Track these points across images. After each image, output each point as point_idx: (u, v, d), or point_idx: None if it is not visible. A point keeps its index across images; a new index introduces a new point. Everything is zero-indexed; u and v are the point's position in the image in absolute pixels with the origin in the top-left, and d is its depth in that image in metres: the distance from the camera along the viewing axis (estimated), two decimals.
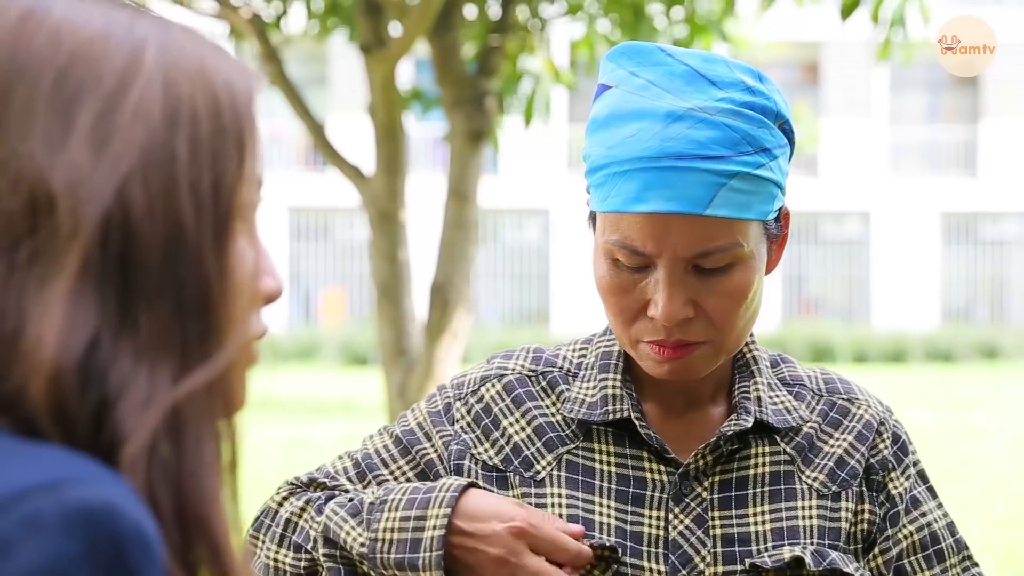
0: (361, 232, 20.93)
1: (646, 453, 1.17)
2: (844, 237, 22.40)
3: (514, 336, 19.29)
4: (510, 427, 1.19)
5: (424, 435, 1.21)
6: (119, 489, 0.56)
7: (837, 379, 1.25)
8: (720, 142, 1.07)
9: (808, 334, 19.95)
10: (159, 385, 0.59)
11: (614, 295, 1.12)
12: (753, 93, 1.09)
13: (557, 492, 1.17)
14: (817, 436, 1.20)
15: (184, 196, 0.60)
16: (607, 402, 1.18)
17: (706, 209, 1.07)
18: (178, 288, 0.60)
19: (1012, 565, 6.19)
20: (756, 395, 1.19)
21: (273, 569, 1.18)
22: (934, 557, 1.21)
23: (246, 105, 0.63)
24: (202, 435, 0.62)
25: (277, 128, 21.91)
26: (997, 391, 14.78)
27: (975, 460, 9.40)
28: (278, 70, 4.54)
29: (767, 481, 1.17)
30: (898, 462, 1.21)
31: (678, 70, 1.09)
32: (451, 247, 4.34)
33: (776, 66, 21.72)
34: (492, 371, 1.22)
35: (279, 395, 14.46)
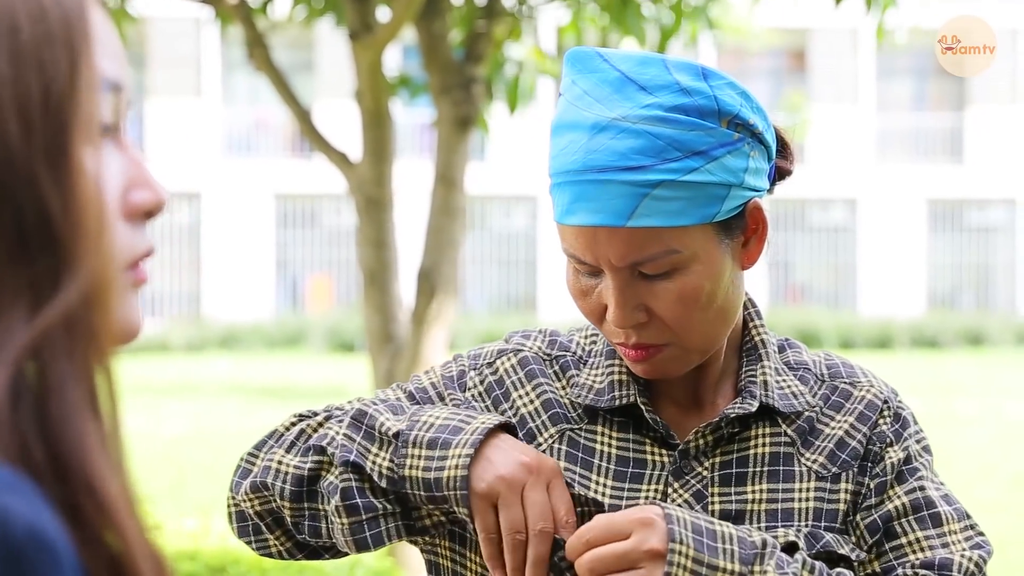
0: (348, 218, 20.90)
1: (649, 439, 1.18)
2: (831, 224, 22.45)
3: (501, 323, 19.30)
4: (519, 399, 1.20)
5: (436, 395, 1.22)
6: (7, 489, 0.50)
7: (841, 363, 1.24)
8: (642, 151, 1.06)
9: (794, 320, 20.00)
10: (12, 329, 0.53)
11: (579, 299, 1.14)
12: (688, 94, 1.07)
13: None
14: (818, 419, 1.20)
15: (9, 116, 0.54)
16: (614, 388, 1.18)
17: (628, 221, 1.07)
18: (15, 219, 0.54)
19: (997, 551, 6.21)
20: (763, 379, 1.18)
21: (274, 471, 1.16)
22: (929, 520, 1.17)
23: (76, 5, 0.57)
24: (66, 375, 0.55)
25: (263, 114, 21.84)
26: (982, 378, 14.85)
27: (960, 446, 9.45)
28: (264, 56, 4.52)
29: (767, 461, 1.17)
30: (897, 437, 1.20)
31: (610, 77, 1.08)
32: (438, 233, 4.33)
33: (763, 53, 21.73)
34: (510, 347, 1.23)
35: (266, 381, 14.45)
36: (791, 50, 22.58)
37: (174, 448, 9.47)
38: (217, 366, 16.86)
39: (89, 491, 0.54)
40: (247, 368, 16.49)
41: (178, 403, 12.30)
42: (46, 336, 0.54)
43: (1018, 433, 10.17)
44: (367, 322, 4.43)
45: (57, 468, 0.53)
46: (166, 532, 4.68)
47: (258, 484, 1.17)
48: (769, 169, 1.16)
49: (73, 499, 0.53)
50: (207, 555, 4.32)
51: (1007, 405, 11.99)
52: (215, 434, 10.26)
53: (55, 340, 0.54)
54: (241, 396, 12.99)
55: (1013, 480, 8.15)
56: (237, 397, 12.89)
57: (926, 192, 22.20)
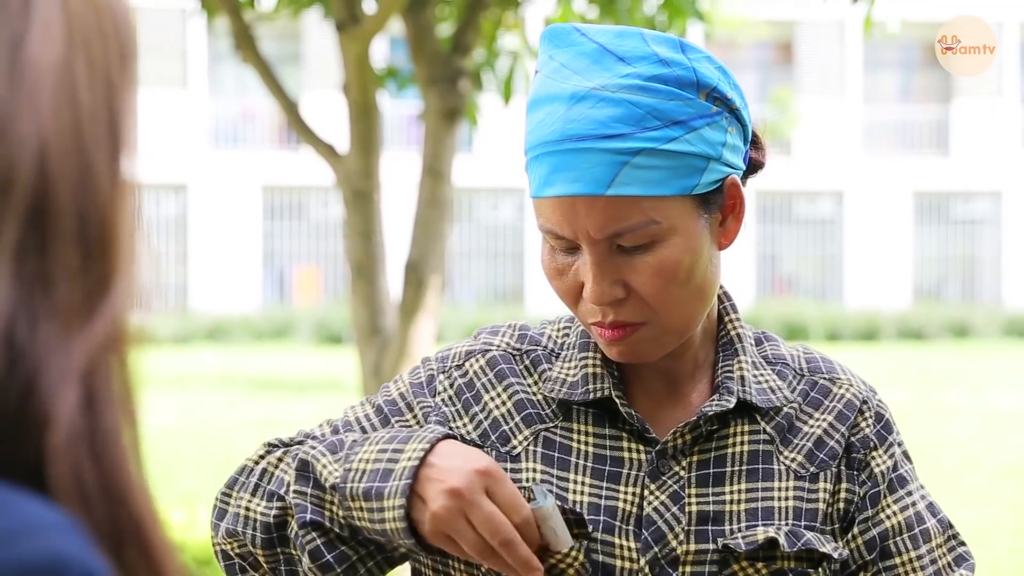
0: (335, 210, 20.86)
1: (625, 433, 1.15)
2: (817, 216, 22.49)
3: (489, 315, 19.30)
4: (490, 402, 1.18)
5: (406, 406, 1.20)
6: (66, 535, 0.50)
7: (820, 358, 1.22)
8: (621, 119, 1.04)
9: (781, 313, 20.05)
10: (74, 347, 0.52)
11: (554, 279, 1.12)
12: (667, 65, 1.06)
13: (532, 467, 1.15)
14: (797, 416, 1.18)
15: (87, 126, 0.54)
16: (587, 381, 1.16)
17: (607, 189, 1.05)
18: (87, 231, 0.53)
19: (983, 541, 6.25)
20: (740, 374, 1.16)
21: (243, 519, 1.14)
22: (920, 537, 1.18)
23: (127, 17, 0.57)
24: (111, 394, 0.54)
25: (250, 105, 21.77)
26: (968, 369, 14.91)
27: (946, 437, 9.49)
28: (251, 47, 4.51)
29: (745, 460, 1.15)
30: (881, 441, 1.19)
31: (587, 49, 1.07)
32: (425, 226, 4.33)
33: (750, 45, 21.75)
34: (478, 346, 1.21)
35: (253, 373, 14.43)
36: (778, 42, 22.60)
37: (160, 440, 9.45)
38: (204, 358, 16.83)
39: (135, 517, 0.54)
40: (234, 360, 16.46)
41: (165, 395, 12.28)
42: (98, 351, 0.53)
43: (1003, 424, 10.22)
44: (354, 314, 4.43)
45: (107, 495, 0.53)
46: None
47: (231, 530, 1.15)
48: (745, 152, 1.14)
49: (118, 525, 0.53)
50: (193, 548, 4.31)
51: (992, 396, 12.05)
52: (202, 426, 10.24)
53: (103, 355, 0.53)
54: (228, 388, 12.97)
55: (998, 470, 8.19)
56: (224, 389, 12.87)
57: (912, 184, 22.26)
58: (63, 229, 0.52)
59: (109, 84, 0.55)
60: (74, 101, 0.53)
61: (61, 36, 0.53)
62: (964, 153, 22.42)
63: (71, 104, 0.53)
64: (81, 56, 0.54)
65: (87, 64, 0.54)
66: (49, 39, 0.53)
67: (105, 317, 0.53)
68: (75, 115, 0.53)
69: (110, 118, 0.55)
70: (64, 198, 0.53)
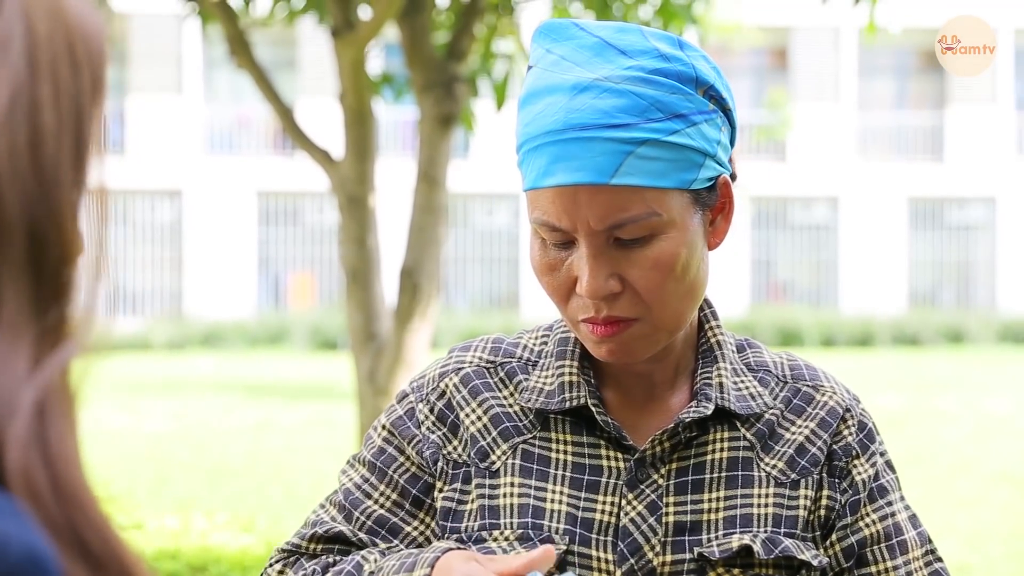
0: (330, 216, 20.85)
1: (603, 441, 1.14)
2: (812, 222, 22.52)
3: (484, 321, 19.30)
4: (467, 418, 1.17)
5: (396, 449, 1.18)
6: (6, 516, 0.51)
7: (803, 366, 1.21)
8: (625, 110, 1.04)
9: (776, 318, 20.06)
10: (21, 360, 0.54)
11: (545, 275, 1.10)
12: (667, 59, 1.07)
13: (510, 481, 1.14)
14: (778, 423, 1.17)
15: (48, 147, 0.54)
16: (564, 390, 1.15)
17: (612, 178, 1.04)
18: (39, 248, 0.54)
19: (977, 546, 6.26)
20: (719, 381, 1.15)
21: None
22: (897, 548, 1.17)
23: (99, 46, 0.58)
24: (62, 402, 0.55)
25: (246, 112, 21.77)
26: (962, 375, 14.92)
27: (941, 443, 9.50)
28: (247, 53, 4.51)
29: (724, 467, 1.14)
30: (863, 449, 1.18)
31: (588, 43, 1.07)
32: (421, 231, 4.33)
33: (745, 51, 21.77)
34: (450, 365, 1.20)
35: (248, 379, 14.42)
36: (773, 48, 22.63)
37: (155, 446, 9.44)
38: (199, 364, 16.81)
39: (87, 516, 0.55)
40: (229, 366, 16.44)
41: (160, 401, 12.26)
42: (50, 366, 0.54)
43: (997, 429, 10.23)
44: (350, 320, 4.43)
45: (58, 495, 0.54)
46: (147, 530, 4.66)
47: None
48: (728, 154, 1.14)
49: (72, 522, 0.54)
50: (188, 554, 4.31)
51: (987, 401, 12.06)
52: (196, 432, 10.23)
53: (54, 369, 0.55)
54: (223, 394, 12.96)
55: (992, 475, 8.20)
56: (219, 395, 12.86)
57: (907, 190, 22.29)
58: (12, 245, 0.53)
59: (77, 107, 0.56)
60: (34, 122, 0.54)
61: (23, 59, 0.54)
62: (958, 159, 22.46)
63: (29, 124, 0.54)
64: (47, 79, 0.54)
65: (52, 86, 0.55)
66: (7, 62, 0.54)
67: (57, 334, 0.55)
68: (34, 135, 0.54)
69: (76, 141, 0.55)
70: (14, 216, 0.53)
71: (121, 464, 8.51)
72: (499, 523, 1.13)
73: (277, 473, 8.22)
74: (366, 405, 4.34)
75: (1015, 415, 11.14)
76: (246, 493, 7.50)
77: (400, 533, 1.17)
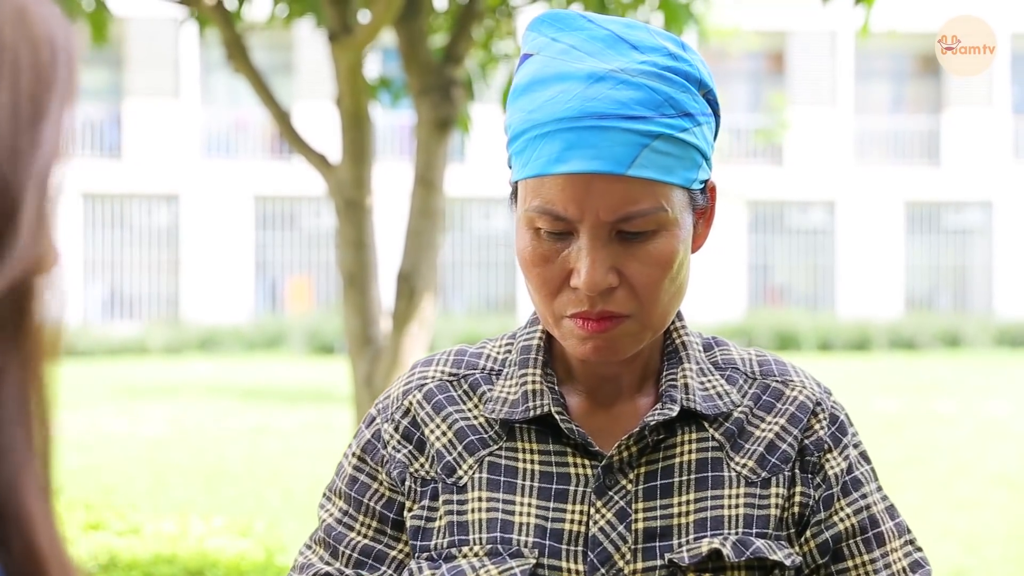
0: (327, 220, 20.84)
1: (570, 448, 1.12)
2: (810, 226, 22.53)
3: (481, 324, 19.29)
4: (431, 434, 1.15)
5: (368, 476, 1.17)
6: None
7: (772, 361, 1.19)
8: (642, 103, 1.04)
9: (774, 322, 20.07)
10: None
11: (536, 266, 1.08)
12: (676, 59, 1.07)
13: (477, 496, 1.13)
14: (748, 420, 1.15)
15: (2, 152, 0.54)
16: (527, 399, 1.13)
17: (628, 169, 1.03)
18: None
19: (975, 549, 6.26)
20: (684, 382, 1.14)
21: None
22: (873, 541, 1.15)
23: (67, 53, 0.58)
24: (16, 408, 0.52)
25: (243, 116, 21.77)
26: (959, 378, 14.93)
27: (938, 446, 9.50)
28: (243, 57, 4.51)
29: (693, 469, 1.12)
30: (835, 443, 1.16)
31: (599, 34, 1.06)
32: (418, 235, 4.33)
33: (742, 56, 21.79)
34: (413, 382, 1.19)
35: (245, 383, 14.40)
36: (770, 52, 22.66)
37: (152, 450, 9.43)
38: (196, 368, 16.80)
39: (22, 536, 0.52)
40: (226, 370, 16.43)
41: (157, 405, 12.25)
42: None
43: (995, 432, 10.24)
44: (346, 324, 4.43)
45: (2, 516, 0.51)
46: (144, 535, 4.66)
47: None
48: None
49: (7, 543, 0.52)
50: (185, 558, 4.30)
51: (984, 405, 12.07)
52: (193, 436, 10.22)
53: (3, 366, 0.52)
54: (220, 398, 12.95)
55: (990, 478, 8.20)
56: (216, 399, 12.85)
57: (904, 194, 22.32)
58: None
59: (37, 112, 0.56)
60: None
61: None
62: (955, 163, 22.48)
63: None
64: (6, 82, 0.54)
65: (11, 90, 0.55)
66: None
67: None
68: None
69: (34, 146, 0.55)
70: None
71: (118, 468, 8.50)
72: (468, 539, 1.12)
73: (274, 477, 8.21)
74: (363, 409, 4.34)
75: (1012, 418, 11.15)
76: (243, 497, 7.49)
77: (387, 559, 1.16)
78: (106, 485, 7.56)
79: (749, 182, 21.44)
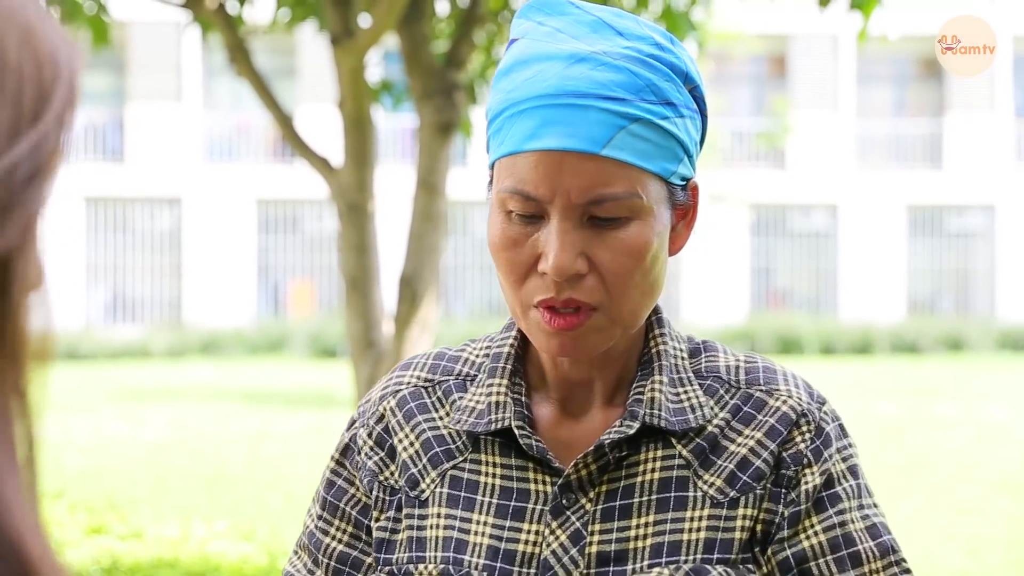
0: (330, 224, 20.85)
1: (532, 463, 1.08)
2: (812, 229, 22.53)
3: (483, 328, 19.29)
4: (399, 444, 1.12)
5: (346, 481, 1.15)
6: None
7: (761, 368, 1.12)
8: (622, 85, 1.01)
9: (776, 326, 20.06)
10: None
11: (505, 250, 1.03)
12: (662, 49, 1.04)
13: (437, 512, 1.10)
14: (723, 434, 1.08)
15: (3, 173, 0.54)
16: (491, 410, 1.09)
17: (603, 149, 0.99)
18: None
19: (976, 554, 6.25)
20: (651, 395, 1.08)
21: None
22: (848, 560, 1.06)
23: (69, 73, 0.58)
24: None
25: (245, 119, 21.79)
26: (962, 382, 14.92)
27: (940, 450, 9.50)
28: (246, 61, 4.52)
29: (655, 489, 1.06)
30: (816, 456, 1.08)
31: (585, 19, 1.04)
32: (420, 239, 4.33)
33: (744, 59, 21.80)
34: (389, 387, 1.16)
35: (247, 387, 14.40)
36: (772, 56, 22.66)
37: (155, 454, 9.43)
38: (198, 372, 16.80)
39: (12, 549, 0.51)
40: (228, 374, 16.43)
41: (159, 409, 12.26)
42: None
43: (997, 436, 10.23)
44: (349, 328, 4.43)
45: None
46: (146, 539, 4.66)
47: None
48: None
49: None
50: (187, 563, 4.30)
51: (986, 409, 12.06)
52: (195, 440, 10.22)
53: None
54: (222, 402, 12.95)
55: (992, 483, 8.20)
56: (218, 403, 12.85)
57: (906, 198, 22.31)
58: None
59: (38, 132, 0.56)
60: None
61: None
62: (957, 167, 22.48)
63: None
64: (8, 101, 0.55)
65: (13, 108, 0.55)
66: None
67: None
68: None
69: (33, 166, 0.55)
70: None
71: (120, 472, 8.50)
72: (424, 556, 1.09)
73: (277, 481, 8.21)
74: None
75: (1014, 422, 11.13)
76: (245, 501, 7.49)
77: (362, 567, 1.14)
78: (108, 489, 7.56)
79: (751, 185, 21.44)
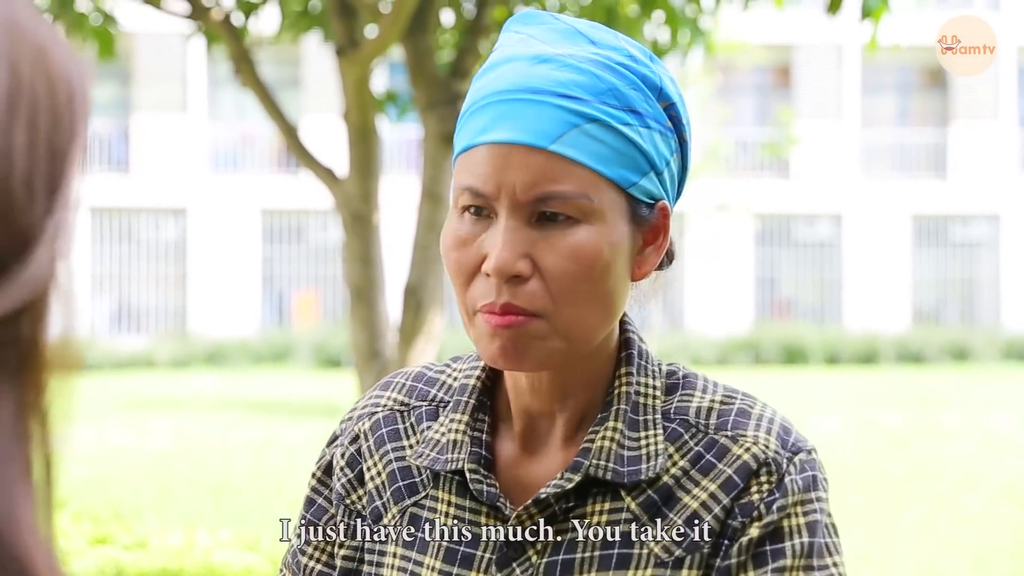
0: (334, 234, 20.88)
1: (485, 507, 1.03)
2: (816, 239, 22.52)
3: None
4: (367, 473, 1.09)
5: (326, 500, 1.12)
6: None
7: (735, 411, 1.03)
8: (582, 86, 0.97)
9: (780, 336, 20.04)
10: None
11: (453, 250, 0.99)
12: (635, 60, 1.00)
13: (393, 552, 1.06)
14: (679, 484, 1.01)
15: (17, 190, 0.54)
16: (448, 449, 1.05)
17: (552, 144, 0.95)
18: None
19: (982, 563, 6.24)
20: (600, 444, 1.01)
21: None
22: None
23: (81, 94, 0.57)
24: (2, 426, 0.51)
25: (250, 130, 21.83)
26: (967, 392, 14.90)
27: (945, 459, 9.48)
28: (251, 71, 4.53)
29: (599, 545, 1.00)
30: (767, 508, 0.99)
31: (560, 27, 1.02)
32: (424, 249, 4.34)
33: (748, 70, 21.82)
34: (367, 408, 1.12)
35: (252, 397, 14.41)
36: (776, 66, 22.68)
37: (159, 463, 9.44)
38: (203, 382, 16.81)
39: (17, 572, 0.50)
40: (233, 384, 16.44)
41: (164, 418, 12.26)
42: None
43: (1002, 445, 10.21)
44: (353, 338, 4.43)
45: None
46: (151, 548, 4.66)
47: None
48: (676, 194, 1.05)
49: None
50: (191, 572, 4.30)
51: (991, 418, 12.04)
52: (200, 449, 10.22)
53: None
54: (227, 412, 12.96)
55: (997, 492, 8.18)
56: (223, 412, 12.85)
57: (911, 207, 22.30)
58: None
59: (52, 151, 0.56)
60: (6, 162, 0.54)
61: (2, 104, 0.54)
62: (962, 176, 22.47)
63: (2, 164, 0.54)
64: (23, 121, 0.55)
65: (28, 129, 0.55)
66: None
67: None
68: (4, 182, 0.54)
69: (49, 184, 0.56)
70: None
71: (125, 481, 8.51)
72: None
73: (281, 491, 8.21)
74: None
75: (1019, 432, 11.12)
76: (250, 510, 7.49)
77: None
78: (113, 498, 7.56)
79: (756, 195, 21.44)
